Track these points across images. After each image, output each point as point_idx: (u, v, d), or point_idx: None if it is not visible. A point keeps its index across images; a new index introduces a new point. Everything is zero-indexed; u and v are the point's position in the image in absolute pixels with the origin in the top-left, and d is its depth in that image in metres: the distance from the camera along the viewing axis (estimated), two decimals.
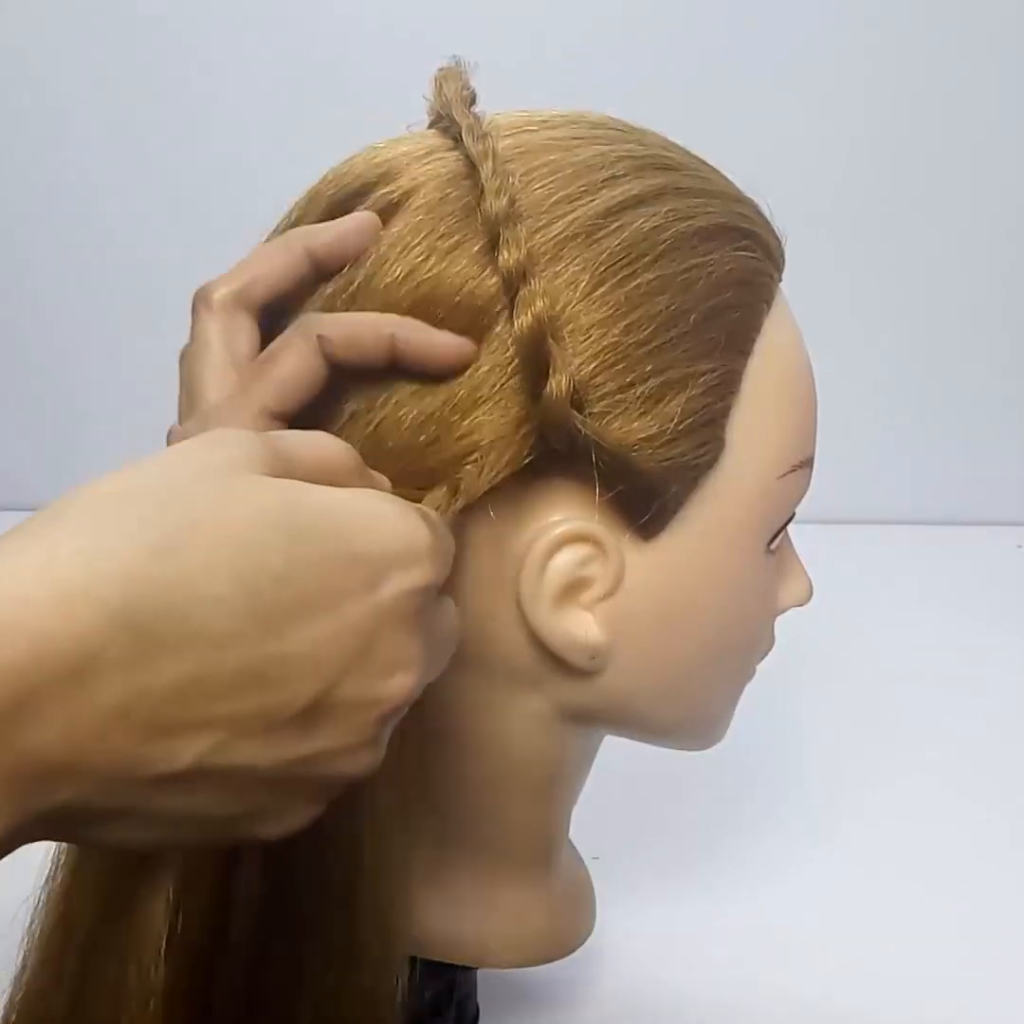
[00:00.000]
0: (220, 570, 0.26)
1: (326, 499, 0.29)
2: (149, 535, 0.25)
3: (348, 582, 0.28)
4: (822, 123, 1.02)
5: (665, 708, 0.43)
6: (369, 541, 0.29)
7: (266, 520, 0.27)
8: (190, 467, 0.28)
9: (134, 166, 1.05)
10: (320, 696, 0.27)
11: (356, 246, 0.37)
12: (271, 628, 0.26)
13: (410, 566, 0.29)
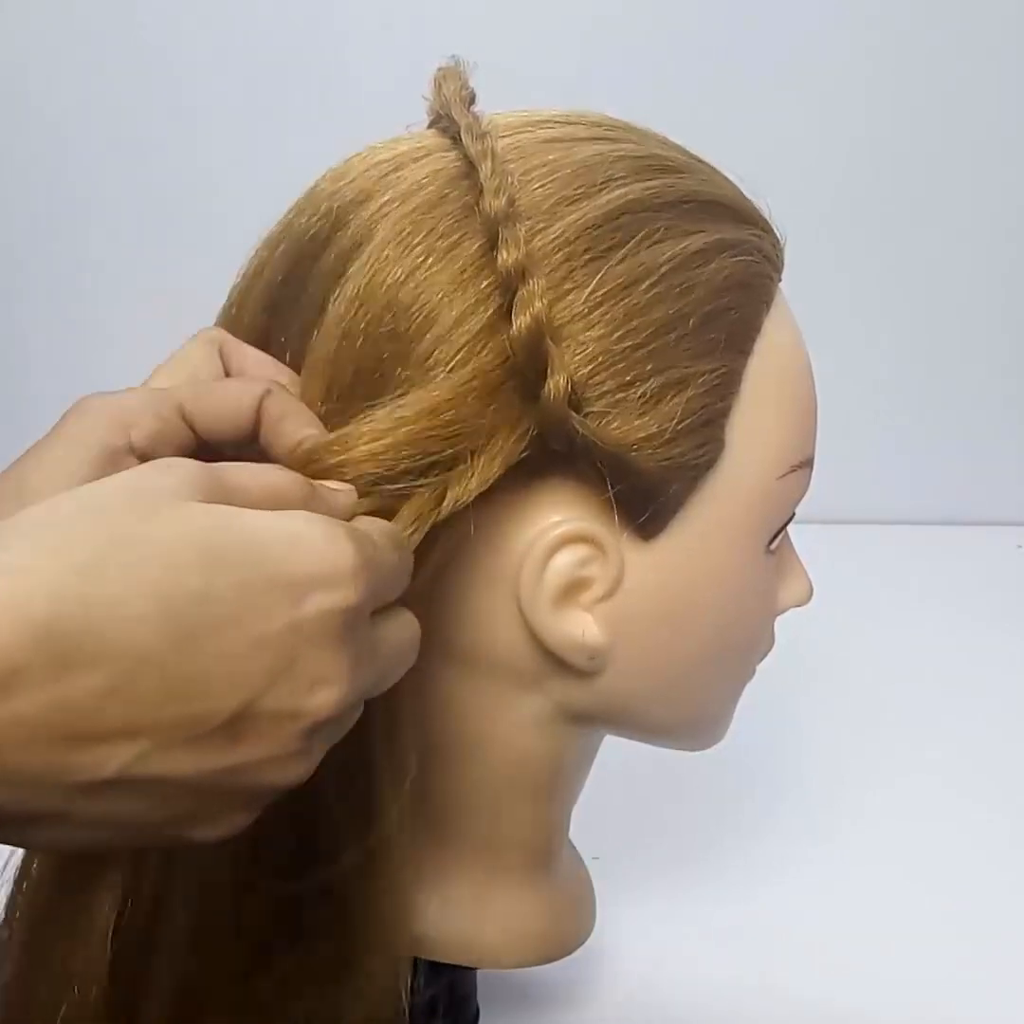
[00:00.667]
0: (141, 589, 0.27)
1: (252, 523, 0.30)
2: (75, 555, 0.27)
3: (268, 601, 0.29)
4: (822, 123, 1.02)
5: (665, 708, 0.43)
6: (291, 563, 0.29)
7: (188, 542, 0.28)
8: (124, 494, 0.29)
9: (133, 166, 1.05)
10: (241, 709, 0.28)
11: (231, 427, 0.37)
12: (189, 646, 0.27)
13: (333, 587, 0.30)
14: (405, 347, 0.36)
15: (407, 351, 0.36)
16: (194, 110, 1.03)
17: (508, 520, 0.38)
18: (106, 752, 0.27)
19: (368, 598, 0.31)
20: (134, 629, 0.27)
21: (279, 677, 0.29)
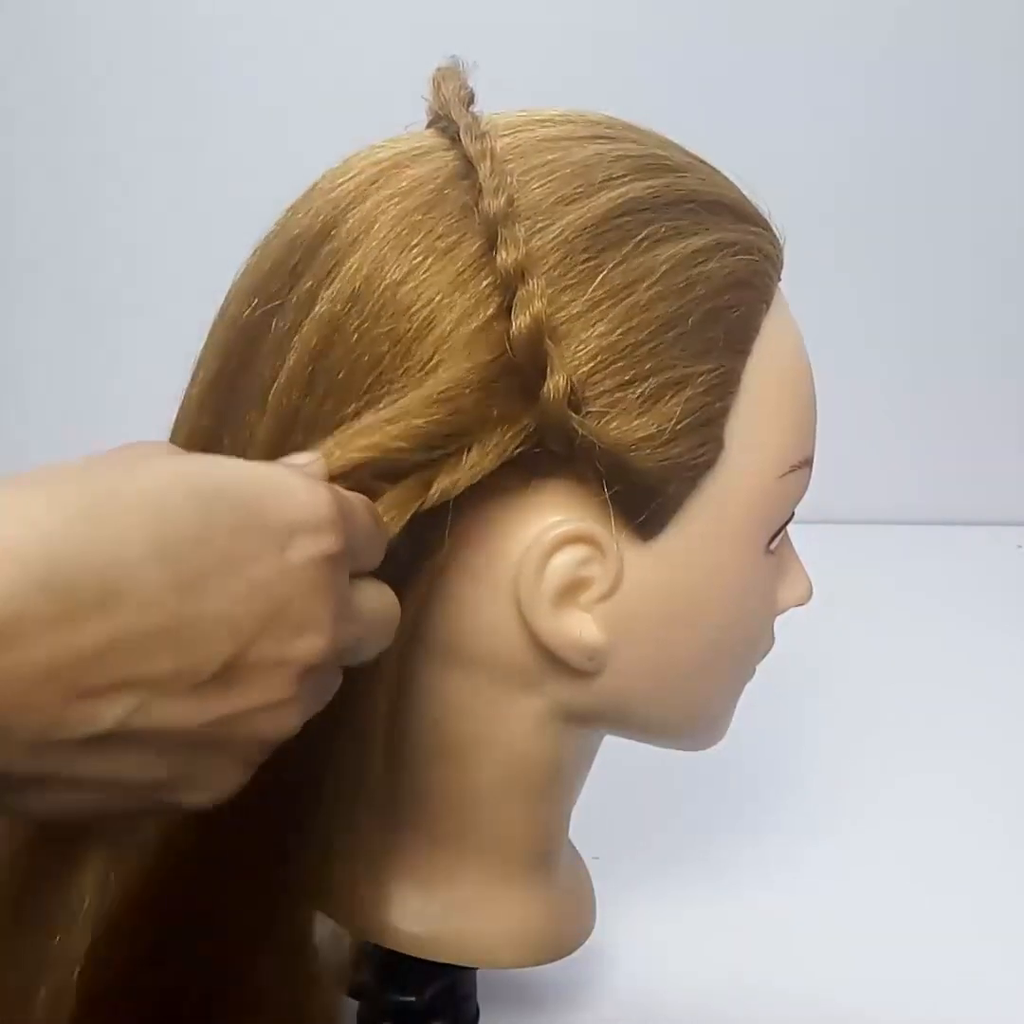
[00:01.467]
0: (137, 534, 0.27)
1: (236, 470, 0.30)
2: (68, 505, 0.27)
3: (259, 546, 0.29)
4: (822, 123, 1.02)
5: (664, 708, 0.43)
6: (277, 508, 0.30)
7: (181, 487, 0.28)
8: (107, 457, 0.30)
9: (133, 166, 1.05)
10: (237, 654, 0.28)
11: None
12: (188, 589, 0.27)
13: (316, 533, 0.30)
14: (405, 348, 0.36)
15: (407, 352, 0.36)
16: (194, 111, 1.04)
17: (507, 520, 0.38)
18: (105, 704, 0.26)
19: (347, 551, 0.31)
20: (134, 574, 0.26)
21: (269, 623, 0.29)
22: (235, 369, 0.39)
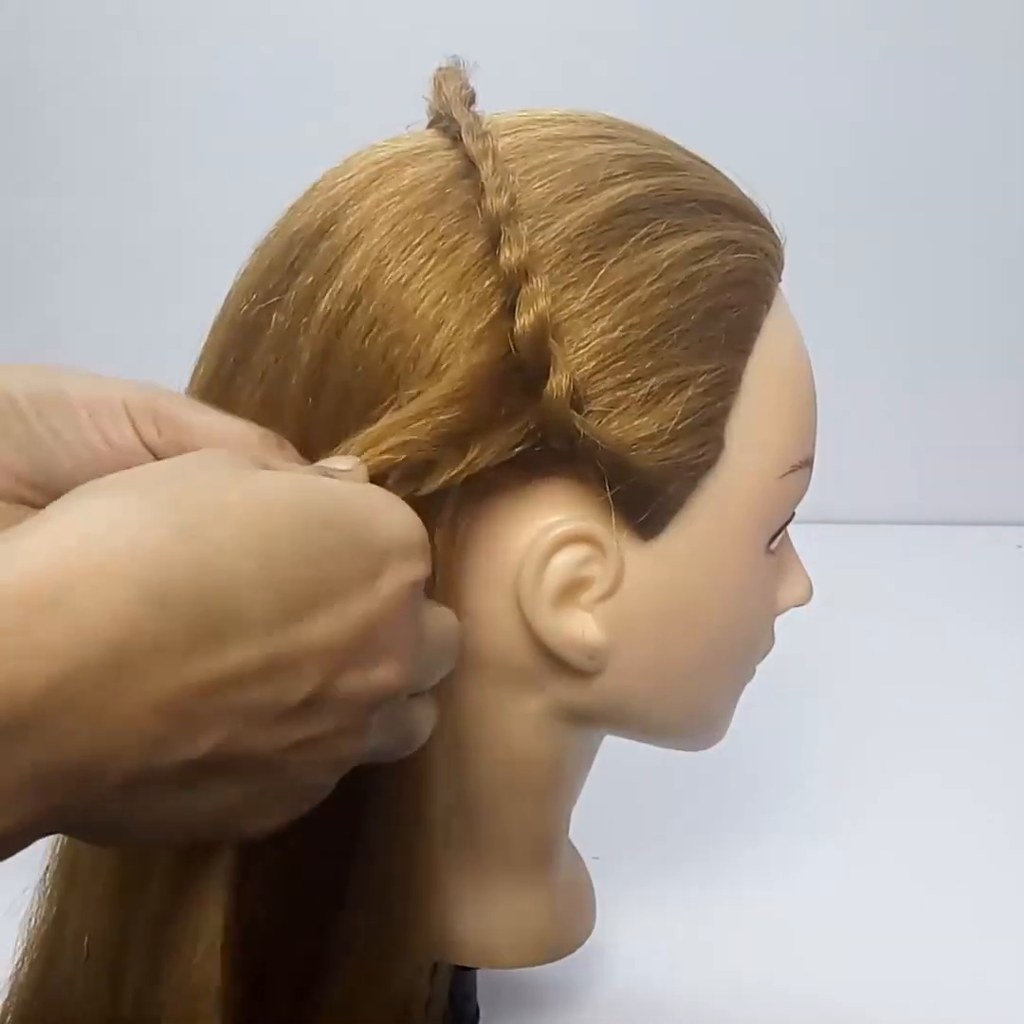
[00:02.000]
0: (247, 555, 0.26)
1: (336, 490, 0.29)
2: (175, 516, 0.25)
3: (357, 571, 0.28)
4: (822, 123, 1.02)
5: (665, 708, 0.43)
6: (374, 531, 0.29)
7: (284, 505, 0.27)
8: (197, 462, 0.28)
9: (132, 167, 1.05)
10: (324, 684, 0.28)
11: None
12: (294, 614, 0.27)
13: (407, 559, 0.30)
14: (413, 350, 0.36)
15: (416, 354, 0.36)
16: (194, 111, 1.04)
17: (508, 520, 0.38)
18: (203, 735, 0.25)
19: (428, 574, 0.31)
20: (247, 599, 0.25)
21: (357, 652, 0.28)
22: (234, 364, 0.39)
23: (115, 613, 0.23)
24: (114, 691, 0.23)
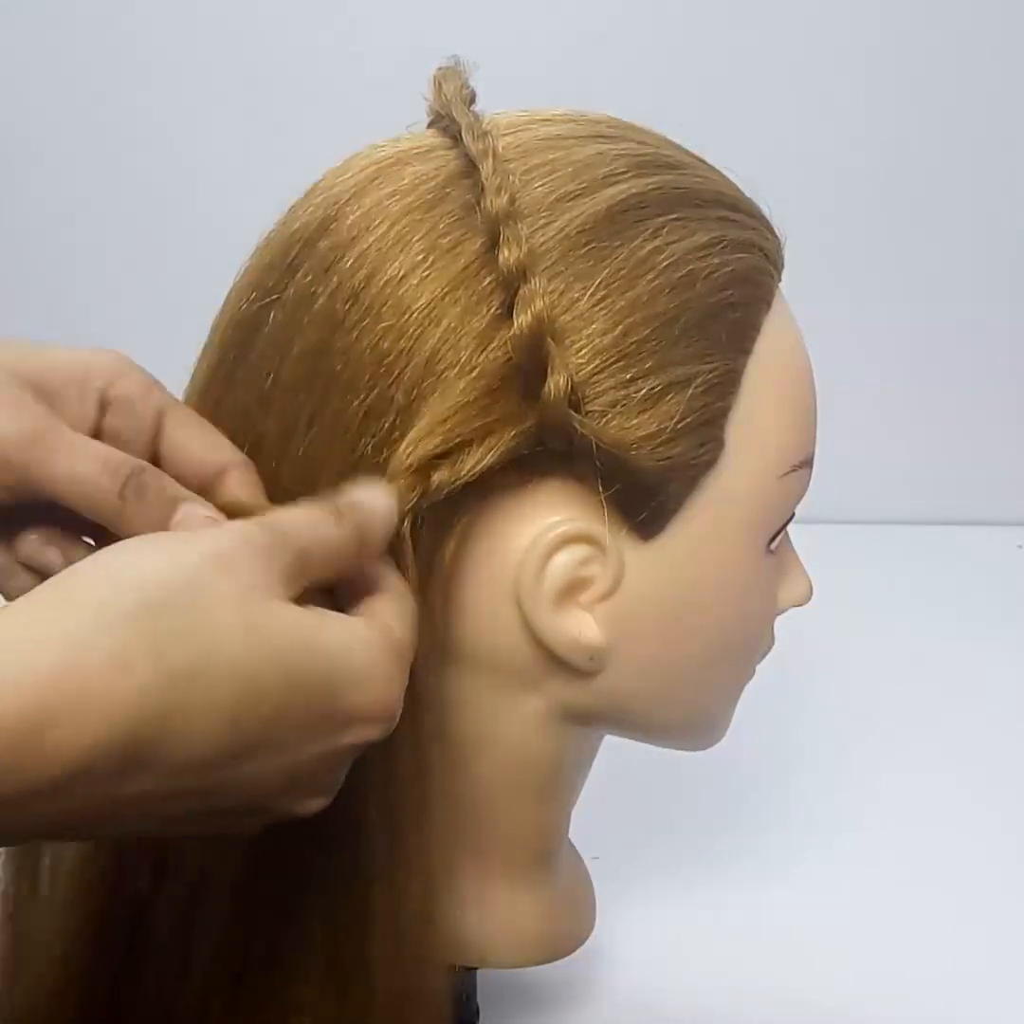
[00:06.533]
0: (221, 708, 0.27)
1: (329, 647, 0.30)
2: (169, 657, 0.27)
3: (317, 732, 0.30)
4: (822, 123, 1.02)
5: (665, 708, 0.43)
6: (351, 699, 0.31)
7: (273, 668, 0.29)
8: (212, 576, 0.29)
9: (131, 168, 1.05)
10: (251, 806, 0.30)
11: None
12: (239, 759, 0.28)
13: (372, 724, 0.31)
14: (410, 345, 0.36)
15: (412, 349, 0.36)
16: (194, 112, 1.03)
17: (508, 520, 0.38)
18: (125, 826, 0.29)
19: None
20: (198, 744, 0.27)
21: (291, 788, 0.31)
22: (233, 362, 0.39)
23: (80, 751, 0.25)
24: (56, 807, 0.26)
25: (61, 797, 0.26)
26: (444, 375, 0.36)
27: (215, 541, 0.30)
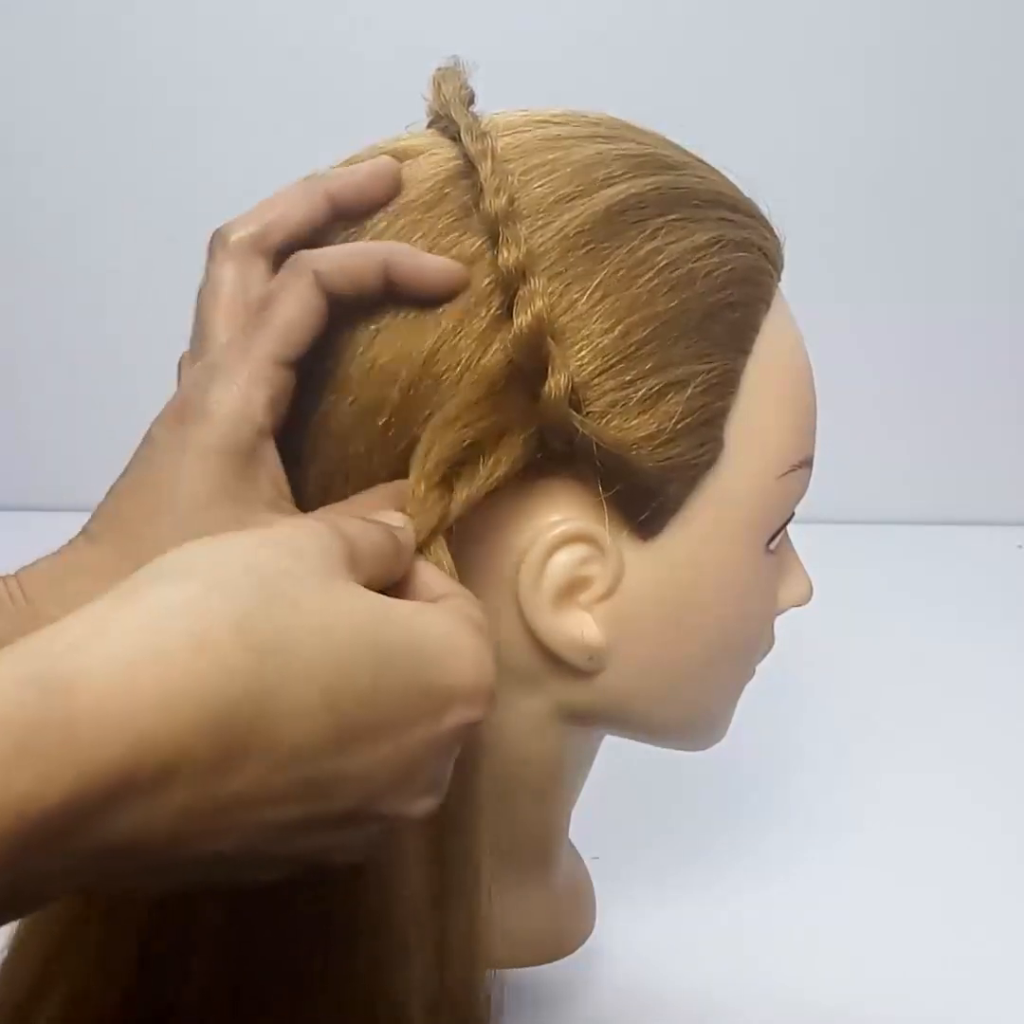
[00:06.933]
0: (314, 684, 0.26)
1: (411, 620, 0.29)
2: (253, 634, 0.25)
3: (418, 712, 0.29)
4: (822, 123, 1.02)
5: (665, 708, 0.43)
6: (444, 673, 0.29)
7: (361, 638, 0.27)
8: (284, 562, 0.28)
9: (130, 169, 1.05)
10: (360, 808, 0.28)
11: (376, 190, 0.38)
12: (343, 747, 0.27)
13: (472, 703, 0.30)
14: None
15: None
16: (193, 111, 1.03)
17: (508, 520, 0.38)
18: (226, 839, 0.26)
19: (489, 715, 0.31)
20: (301, 727, 0.26)
21: (400, 784, 0.29)
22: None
23: (174, 736, 0.24)
24: (157, 805, 0.24)
25: (158, 795, 0.24)
26: (444, 376, 0.36)
27: (282, 534, 0.29)
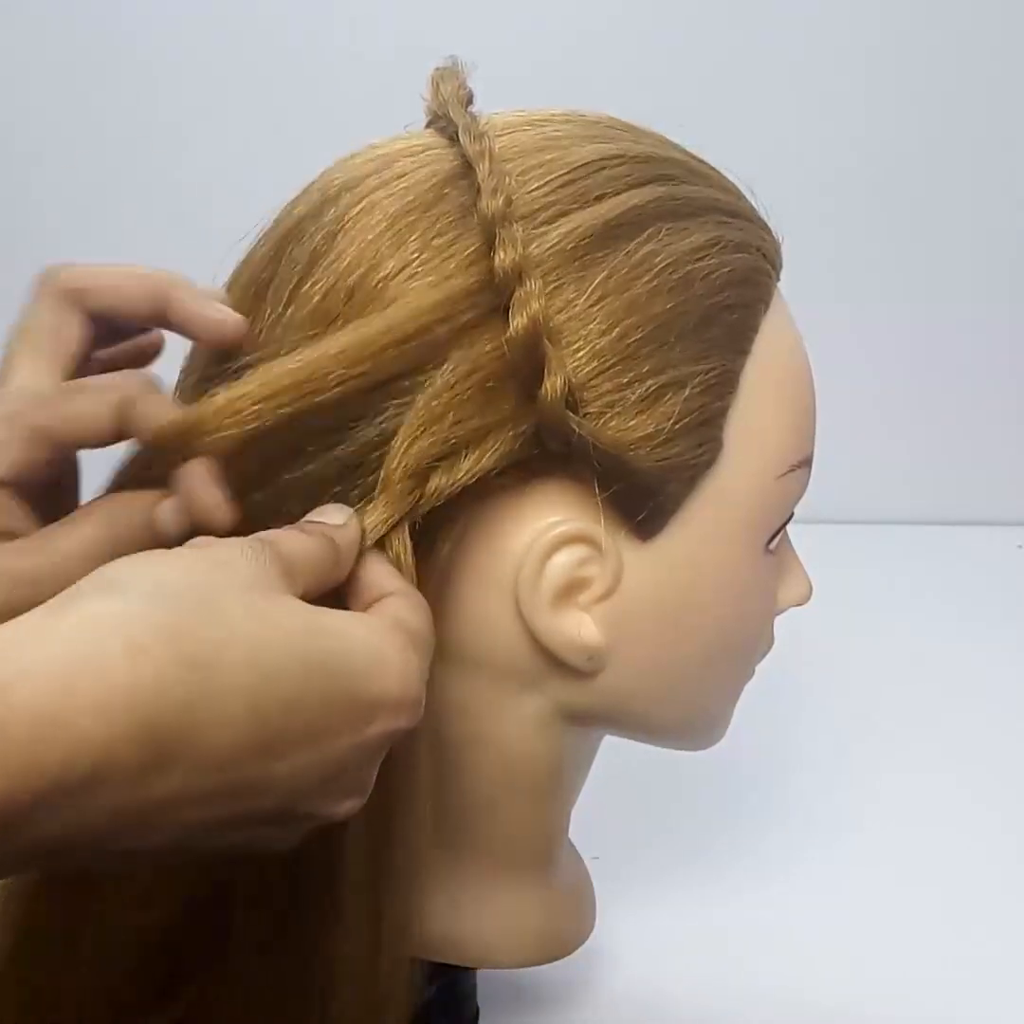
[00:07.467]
0: (240, 694, 0.27)
1: (341, 632, 0.30)
2: (185, 646, 0.26)
3: (344, 721, 0.29)
4: (822, 123, 1.02)
5: (664, 709, 0.43)
6: (370, 685, 0.30)
7: (289, 651, 0.28)
8: (218, 577, 0.29)
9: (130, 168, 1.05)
10: (285, 810, 0.29)
11: (210, 335, 0.37)
12: (268, 753, 0.28)
13: (398, 713, 0.31)
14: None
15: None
16: (193, 111, 1.03)
17: (506, 521, 0.38)
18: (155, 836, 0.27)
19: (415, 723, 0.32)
20: (225, 735, 0.27)
21: (324, 787, 0.30)
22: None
23: (106, 741, 0.25)
24: (83, 807, 0.25)
25: (86, 797, 0.25)
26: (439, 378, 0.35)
27: (218, 552, 0.30)
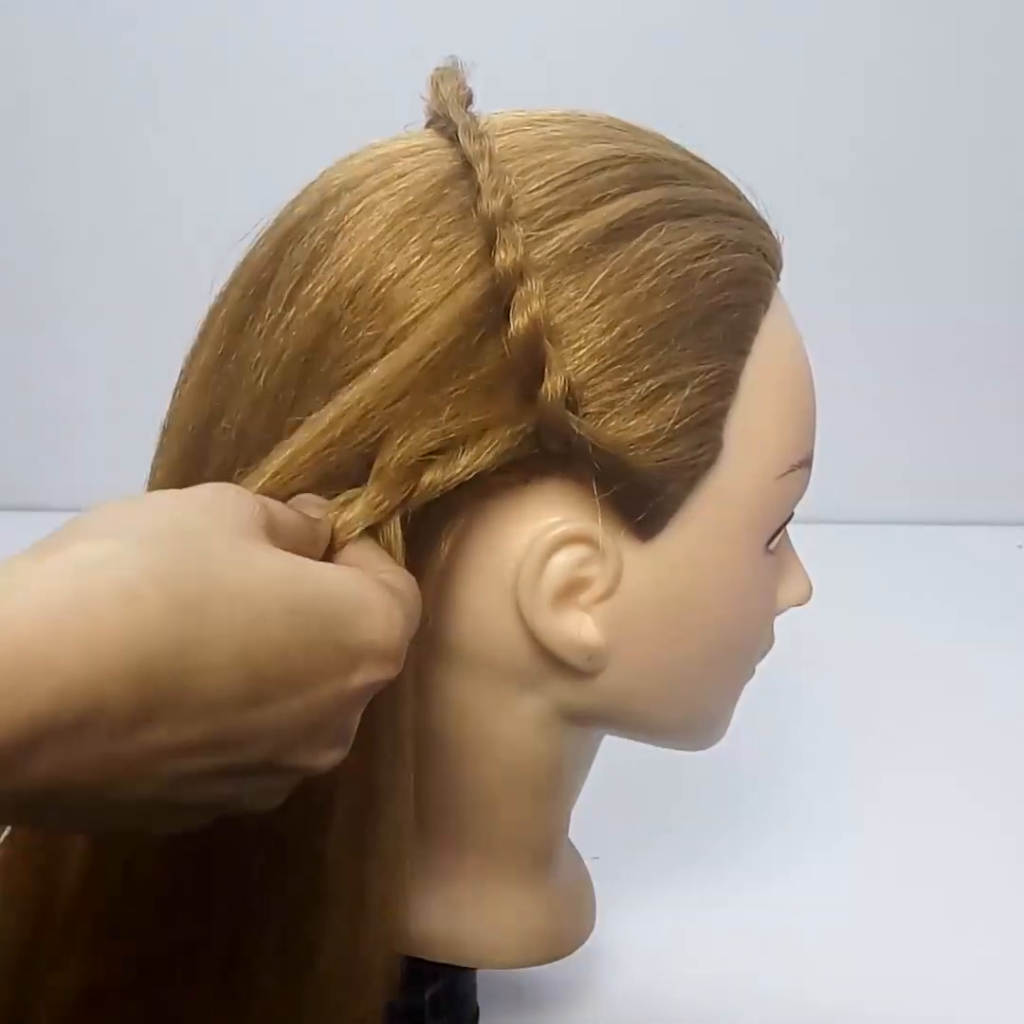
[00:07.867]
0: (230, 639, 0.27)
1: (327, 579, 0.30)
2: (174, 588, 0.26)
3: (329, 667, 0.29)
4: (822, 123, 1.02)
5: (664, 709, 0.43)
6: (356, 632, 0.30)
7: (276, 596, 0.28)
8: (204, 521, 0.29)
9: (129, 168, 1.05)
10: (269, 760, 0.29)
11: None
12: (255, 700, 0.27)
13: (382, 661, 0.31)
14: (398, 344, 0.36)
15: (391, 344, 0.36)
16: (192, 111, 1.03)
17: (506, 521, 0.38)
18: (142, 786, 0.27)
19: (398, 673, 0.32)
20: (215, 681, 0.26)
21: (309, 736, 0.30)
22: (222, 356, 0.39)
23: (96, 684, 0.24)
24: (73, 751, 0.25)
25: (76, 742, 0.24)
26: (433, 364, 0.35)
27: (204, 495, 0.31)
